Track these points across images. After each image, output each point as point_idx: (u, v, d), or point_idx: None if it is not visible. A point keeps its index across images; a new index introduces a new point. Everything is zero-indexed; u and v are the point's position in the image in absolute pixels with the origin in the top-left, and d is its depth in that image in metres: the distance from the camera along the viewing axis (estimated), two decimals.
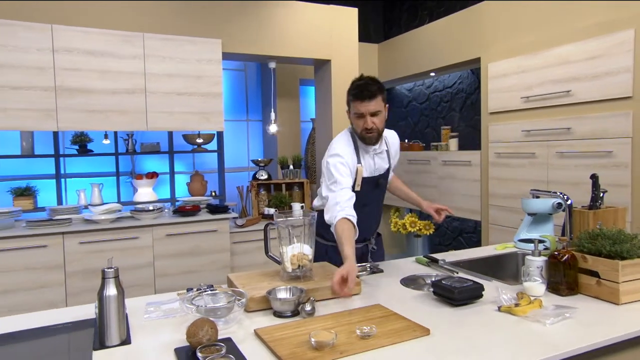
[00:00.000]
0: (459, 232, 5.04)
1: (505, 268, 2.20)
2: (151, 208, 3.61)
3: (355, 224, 1.84)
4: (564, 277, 1.63)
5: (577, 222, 1.92)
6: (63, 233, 3.14)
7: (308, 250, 1.73)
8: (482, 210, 3.97)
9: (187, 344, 1.20)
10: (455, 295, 1.51)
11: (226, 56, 3.84)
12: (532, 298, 1.53)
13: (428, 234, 4.81)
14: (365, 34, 5.62)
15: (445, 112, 5.09)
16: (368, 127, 1.93)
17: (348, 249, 1.69)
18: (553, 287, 1.66)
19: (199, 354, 1.10)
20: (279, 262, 1.78)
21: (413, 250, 4.98)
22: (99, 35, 3.24)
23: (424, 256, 2.16)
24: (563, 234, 2.06)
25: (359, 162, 2.00)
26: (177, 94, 3.50)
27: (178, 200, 4.20)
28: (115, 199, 4.30)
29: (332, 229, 1.85)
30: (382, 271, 2.00)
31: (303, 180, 4.22)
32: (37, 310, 1.64)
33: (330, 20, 4.07)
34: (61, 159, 4.12)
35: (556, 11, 3.28)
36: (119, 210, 3.60)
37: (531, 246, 1.75)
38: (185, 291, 1.70)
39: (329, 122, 4.21)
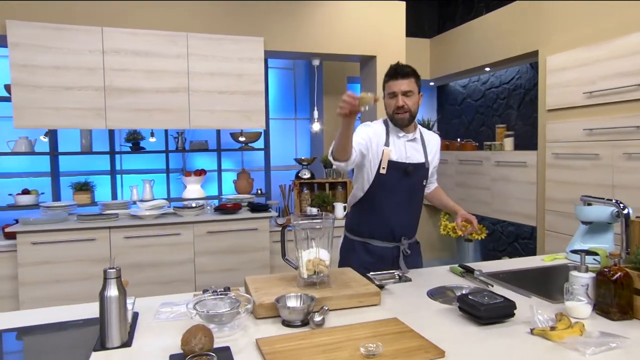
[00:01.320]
0: (515, 237, 4.72)
1: (552, 283, 1.98)
2: (194, 205, 3.67)
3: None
4: (615, 299, 1.42)
5: (635, 234, 1.68)
6: (110, 227, 3.27)
7: (325, 255, 1.64)
8: (538, 215, 3.67)
9: None
10: (482, 312, 1.36)
11: (268, 54, 3.82)
12: (573, 321, 1.34)
13: (480, 238, 4.55)
14: (419, 30, 5.41)
15: (501, 110, 4.78)
16: (399, 105, 1.95)
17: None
18: (602, 309, 1.46)
19: None
20: (295, 267, 1.71)
21: (464, 256, 4.73)
22: (145, 36, 3.33)
23: (459, 265, 1.99)
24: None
25: (387, 144, 2.00)
26: (218, 92, 3.53)
27: (224, 198, 4.26)
28: (165, 195, 4.44)
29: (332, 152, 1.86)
30: (410, 280, 1.86)
31: (346, 180, 4.12)
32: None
33: (376, 15, 3.94)
34: (116, 156, 4.32)
35: None
36: (166, 206, 3.70)
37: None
38: (201, 292, 1.67)
39: (373, 119, 4.07)
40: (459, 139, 4.94)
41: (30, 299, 3.10)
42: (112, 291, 1.25)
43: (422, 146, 2.10)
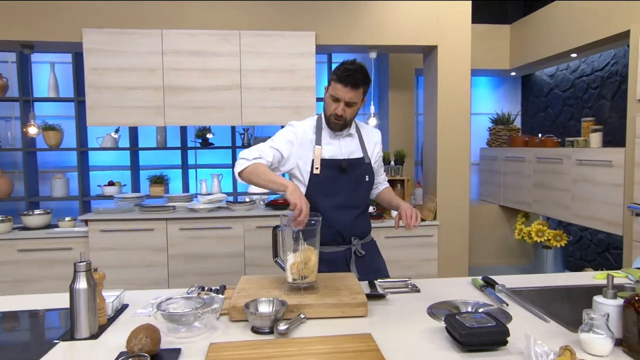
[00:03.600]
0: (606, 246, 4.14)
1: (588, 306, 1.67)
2: (247, 200, 3.75)
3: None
4: None
5: None
6: (167, 219, 3.46)
7: (312, 258, 1.54)
8: (625, 222, 3.16)
9: None
10: (463, 337, 1.17)
11: (320, 49, 3.75)
12: (579, 357, 1.10)
13: (560, 245, 4.06)
14: (502, 16, 4.96)
15: (593, 101, 4.21)
16: (338, 114, 1.83)
17: (279, 181, 1.70)
18: (629, 346, 1.18)
19: None
20: (284, 269, 1.64)
21: (541, 264, 4.26)
22: (200, 35, 3.46)
23: (481, 278, 1.77)
24: None
25: (318, 142, 1.88)
26: (269, 88, 3.55)
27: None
28: (231, 190, 4.60)
29: (240, 170, 1.80)
30: (418, 291, 1.70)
31: (405, 178, 3.92)
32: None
33: (436, 2, 3.66)
34: (189, 151, 4.58)
35: None
36: (224, 201, 3.83)
37: None
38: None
39: (434, 114, 3.82)
40: (539, 135, 4.44)
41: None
42: (82, 284, 1.29)
43: (358, 141, 1.96)
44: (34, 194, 4.28)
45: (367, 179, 1.94)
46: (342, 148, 1.91)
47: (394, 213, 3.73)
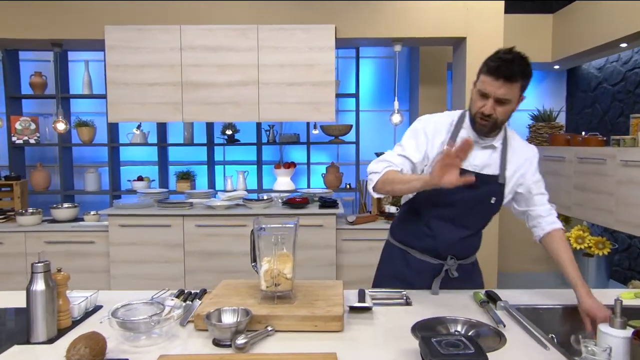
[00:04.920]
0: None
1: None
2: (265, 198, 3.68)
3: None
4: None
5: None
6: (183, 215, 3.46)
7: (287, 265, 1.43)
8: None
9: None
10: None
11: (341, 42, 3.61)
12: None
13: (602, 254, 3.71)
14: (544, 5, 4.61)
15: None
16: (486, 113, 1.51)
17: (416, 176, 1.52)
18: None
19: None
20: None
21: (582, 274, 3.91)
22: (218, 31, 3.42)
23: (484, 292, 1.59)
24: None
25: (451, 141, 1.60)
26: (287, 84, 3.46)
27: (300, 191, 4.21)
28: (255, 187, 4.56)
29: (373, 180, 1.59)
30: (410, 304, 1.55)
31: None
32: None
33: None
34: (215, 147, 4.58)
35: None
36: (243, 198, 3.79)
37: None
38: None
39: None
40: (583, 133, 4.08)
41: (120, 275, 3.46)
42: (39, 286, 1.25)
43: (500, 156, 1.64)
44: (69, 188, 4.43)
45: (492, 201, 1.65)
46: (476, 158, 1.61)
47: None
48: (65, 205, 3.87)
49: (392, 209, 3.69)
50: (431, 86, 4.49)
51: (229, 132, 4.30)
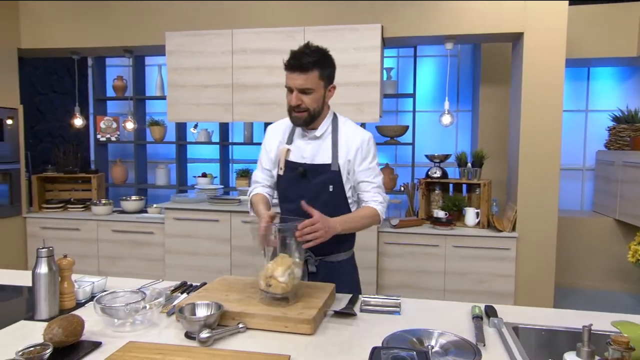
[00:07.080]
0: None
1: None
2: None
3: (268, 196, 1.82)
4: None
5: None
6: (230, 212, 3.61)
7: (279, 268, 1.42)
8: None
9: None
10: None
11: (388, 42, 3.53)
12: None
13: None
14: None
15: None
16: (293, 104, 1.65)
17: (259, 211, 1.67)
18: None
19: (18, 350, 1.10)
20: None
21: None
22: (267, 34, 3.51)
23: (484, 307, 1.48)
24: None
25: (289, 141, 1.77)
26: None
27: None
28: None
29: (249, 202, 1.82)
30: (398, 313, 1.49)
31: (482, 182, 3.50)
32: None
33: None
34: None
35: None
36: None
37: None
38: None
39: (518, 109, 3.33)
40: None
41: (174, 265, 3.71)
42: (42, 269, 1.39)
43: (331, 145, 1.72)
44: (142, 182, 4.83)
45: (330, 189, 1.70)
46: (306, 150, 1.74)
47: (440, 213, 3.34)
48: (133, 197, 4.22)
49: (441, 214, 3.55)
50: (494, 85, 4.24)
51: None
